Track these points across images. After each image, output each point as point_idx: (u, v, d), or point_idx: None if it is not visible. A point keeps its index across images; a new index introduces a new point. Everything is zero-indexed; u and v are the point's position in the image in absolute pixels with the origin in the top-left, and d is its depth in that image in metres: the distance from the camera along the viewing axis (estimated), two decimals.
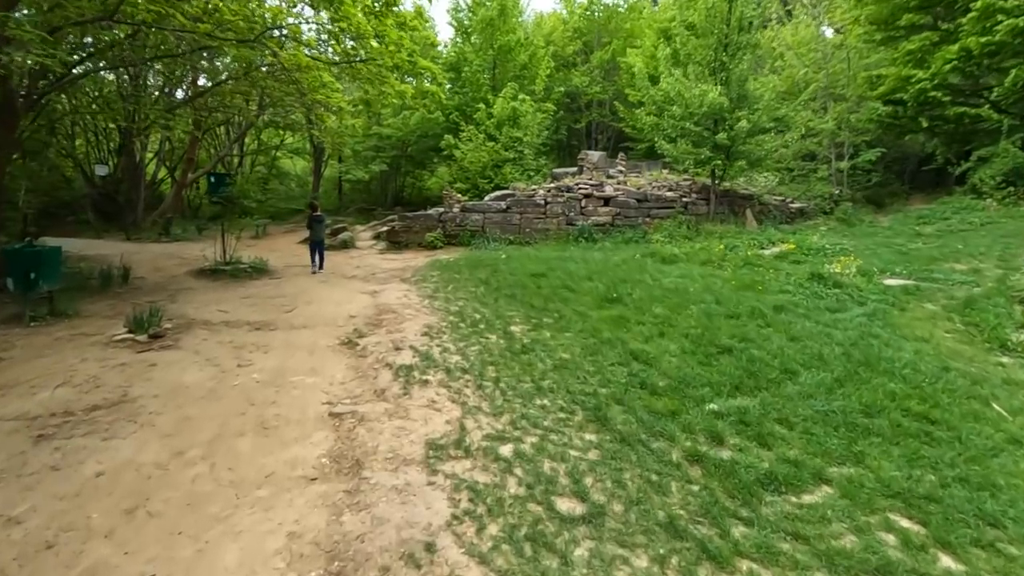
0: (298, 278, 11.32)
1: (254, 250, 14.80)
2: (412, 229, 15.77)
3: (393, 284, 10.33)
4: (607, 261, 11.66)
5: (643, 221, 15.68)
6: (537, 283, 9.61)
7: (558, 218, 15.68)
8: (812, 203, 17.90)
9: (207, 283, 10.53)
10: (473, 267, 11.67)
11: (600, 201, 15.68)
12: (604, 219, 15.65)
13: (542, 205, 15.58)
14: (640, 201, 15.66)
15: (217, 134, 24.69)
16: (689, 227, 15.13)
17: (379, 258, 14.66)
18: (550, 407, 4.72)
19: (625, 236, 15.12)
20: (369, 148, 22.37)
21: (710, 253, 11.64)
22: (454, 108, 20.13)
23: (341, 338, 6.76)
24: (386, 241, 16.47)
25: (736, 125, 13.92)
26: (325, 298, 9.07)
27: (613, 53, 26.05)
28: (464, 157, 17.64)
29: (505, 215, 15.60)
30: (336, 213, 24.73)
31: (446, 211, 15.70)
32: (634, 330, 6.84)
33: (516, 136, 17.74)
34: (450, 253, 14.55)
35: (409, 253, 15.27)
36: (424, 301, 8.62)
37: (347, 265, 13.32)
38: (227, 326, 7.33)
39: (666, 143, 15.34)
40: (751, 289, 8.82)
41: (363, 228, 20.16)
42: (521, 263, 11.72)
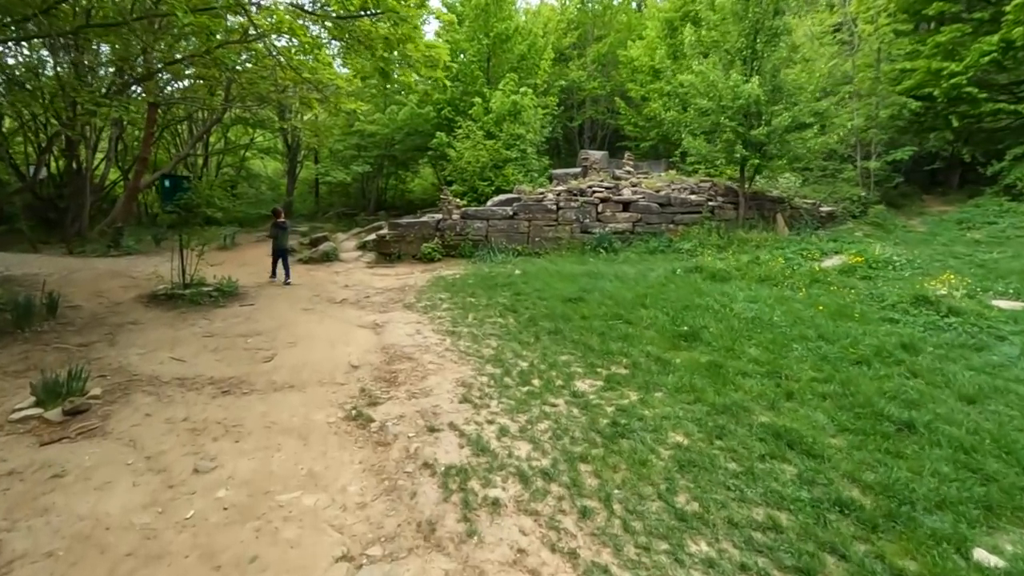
0: (275, 302, 9.26)
1: (221, 266, 12.64)
2: (405, 239, 13.79)
3: (396, 312, 8.36)
4: (645, 278, 9.91)
5: (666, 228, 14.00)
6: (578, 311, 7.78)
7: (571, 225, 13.89)
8: (840, 206, 16.49)
9: (160, 313, 8.40)
10: (488, 287, 9.78)
11: (619, 206, 13.94)
12: (623, 226, 13.92)
13: (553, 211, 13.77)
14: (663, 205, 13.97)
15: (179, 132, 22.23)
16: (720, 234, 13.50)
17: (369, 273, 12.63)
18: (719, 562, 2.87)
19: (649, 245, 13.41)
20: (350, 147, 20.25)
21: (767, 268, 9.97)
22: (446, 103, 18.17)
23: (345, 407, 4.81)
24: (375, 252, 14.43)
25: (775, 119, 12.33)
26: (314, 335, 7.07)
27: (610, 47, 24.42)
28: (461, 156, 15.72)
29: (512, 222, 13.74)
30: (313, 218, 22.52)
31: (444, 218, 13.76)
32: (744, 386, 5.06)
33: (518, 133, 15.91)
34: (451, 267, 12.62)
35: (403, 267, 13.28)
36: (444, 340, 6.70)
37: (332, 283, 11.27)
38: (182, 387, 5.30)
39: (692, 140, 13.66)
40: (847, 317, 7.14)
41: (345, 236, 18.05)
42: (544, 282, 9.88)
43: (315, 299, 9.60)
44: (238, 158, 23.69)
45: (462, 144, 15.71)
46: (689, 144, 13.74)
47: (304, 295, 9.93)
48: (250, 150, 24.22)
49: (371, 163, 19.67)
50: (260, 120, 21.56)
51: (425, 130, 18.94)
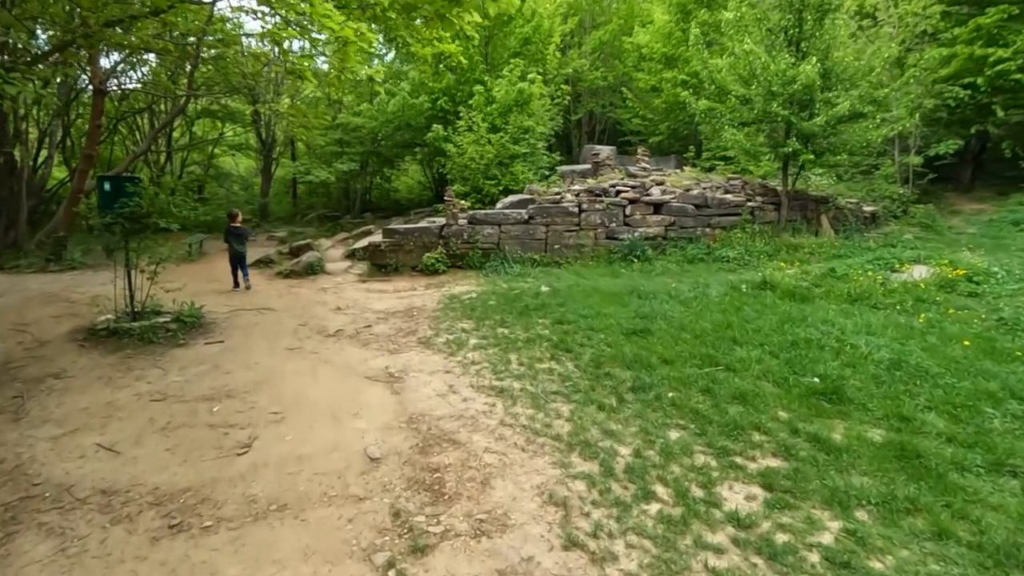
0: (251, 337, 7.26)
1: (185, 283, 10.56)
2: (403, 247, 11.83)
3: (412, 352, 6.43)
4: (706, 298, 8.17)
5: (702, 232, 12.30)
6: (650, 348, 5.99)
7: (595, 230, 12.09)
8: (880, 205, 15.02)
9: (97, 359, 6.35)
10: (517, 311, 7.92)
11: (649, 208, 12.19)
12: (655, 231, 12.17)
13: (575, 214, 11.95)
14: (698, 207, 12.26)
15: (139, 125, 19.82)
16: (767, 239, 11.86)
17: (363, 290, 10.66)
18: None
19: (686, 253, 11.69)
20: (332, 143, 18.15)
21: (853, 284, 8.30)
22: (441, 92, 16.20)
23: (373, 558, 2.92)
24: (367, 263, 12.44)
25: (835, 108, 10.69)
26: (307, 397, 5.12)
27: (612, 34, 22.68)
28: (463, 152, 13.79)
29: (527, 227, 11.88)
30: (291, 221, 20.35)
31: (449, 223, 11.83)
32: (980, 492, 3.33)
33: (526, 125, 14.06)
34: (461, 282, 10.72)
35: (402, 281, 11.33)
36: (494, 404, 4.81)
37: (321, 305, 9.28)
38: (105, 512, 3.35)
39: (732, 132, 11.95)
40: (1007, 358, 5.49)
41: (330, 242, 15.98)
42: (585, 303, 8.08)
43: (302, 330, 7.62)
44: (205, 155, 21.36)
45: (464, 138, 13.79)
46: (729, 138, 12.02)
47: (287, 324, 7.94)
48: (219, 146, 21.91)
49: (357, 160, 17.61)
50: (230, 112, 19.32)
51: (417, 123, 16.93)
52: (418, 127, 17.39)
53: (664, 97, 19.03)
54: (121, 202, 7.00)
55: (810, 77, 10.44)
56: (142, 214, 7.09)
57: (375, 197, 24.23)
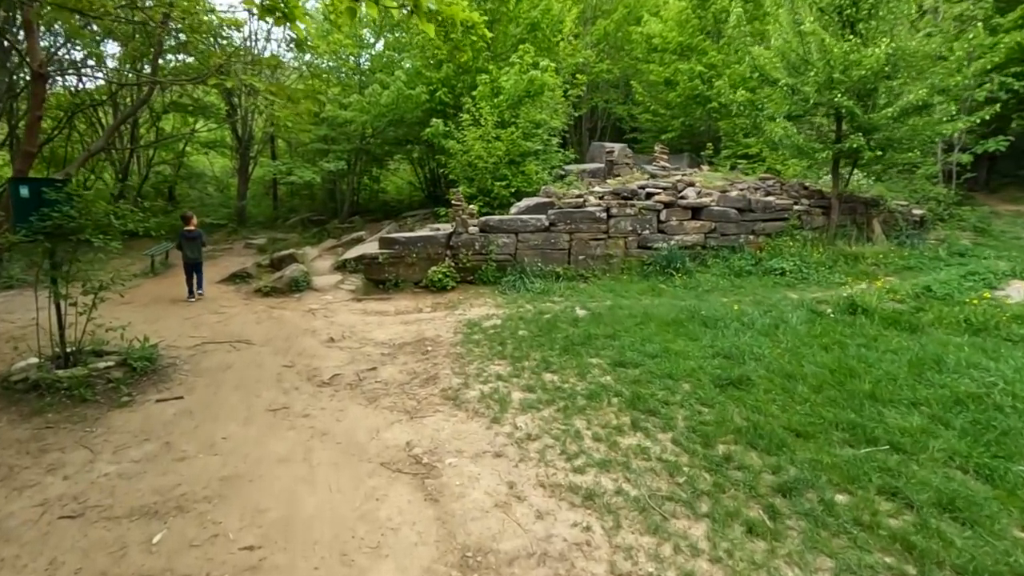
0: (222, 392, 5.54)
1: (141, 305, 8.82)
2: (404, 260, 10.13)
3: (439, 415, 4.76)
4: (787, 326, 6.66)
5: (745, 240, 10.81)
6: (762, 411, 4.45)
7: (626, 238, 10.53)
8: (924, 208, 13.70)
9: (4, 430, 4.61)
10: (560, 346, 6.32)
11: (686, 213, 10.65)
12: (693, 238, 10.64)
13: (602, 219, 10.37)
14: (741, 211, 10.77)
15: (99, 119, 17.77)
16: (820, 248, 10.41)
17: (359, 312, 8.97)
18: None
19: (731, 264, 10.18)
20: (317, 140, 16.34)
21: (967, 308, 6.83)
22: (440, 82, 14.49)
23: None
24: (362, 278, 10.73)
25: (904, 98, 9.27)
26: (300, 518, 3.43)
27: (617, 24, 21.16)
28: (469, 149, 12.12)
29: (548, 236, 10.27)
30: (272, 226, 18.48)
31: (458, 232, 10.17)
32: None
33: (539, 119, 12.45)
34: (475, 301, 9.08)
35: (404, 299, 9.65)
36: (587, 527, 3.17)
37: (311, 336, 7.57)
38: None
39: (781, 127, 10.44)
40: None
41: (316, 251, 14.21)
42: (641, 334, 6.55)
43: (287, 375, 5.92)
44: (174, 153, 19.36)
45: (469, 133, 12.13)
46: (779, 132, 10.53)
47: (269, 366, 6.22)
48: (191, 143, 19.93)
49: (344, 159, 15.83)
50: (202, 106, 17.40)
51: (413, 117, 15.21)
52: (413, 122, 15.66)
53: (679, 90, 17.55)
54: (42, 212, 5.24)
55: (880, 61, 8.99)
56: (72, 228, 5.33)
57: (363, 199, 22.42)
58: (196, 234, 9.75)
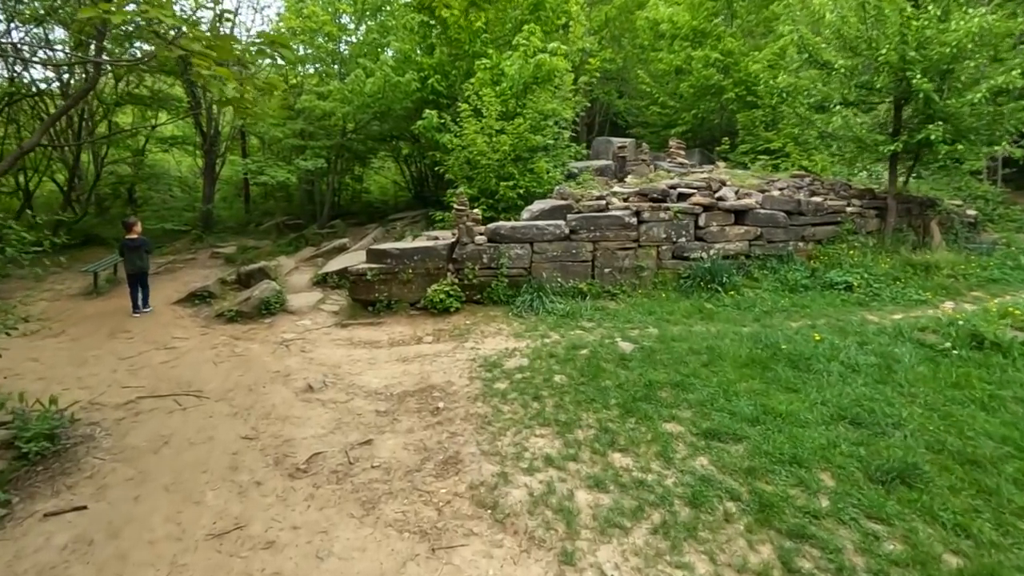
0: (146, 495, 3.84)
1: (71, 338, 7.04)
2: (398, 276, 8.44)
3: (477, 542, 3.11)
4: (902, 366, 5.16)
5: (794, 247, 9.33)
6: (958, 533, 2.89)
7: (659, 247, 8.97)
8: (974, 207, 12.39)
9: None
10: (615, 400, 4.74)
11: (728, 217, 9.12)
12: (735, 246, 9.12)
13: (632, 226, 8.79)
14: (790, 214, 9.28)
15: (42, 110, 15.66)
16: (884, 255, 8.97)
17: (344, 344, 7.28)
18: None
19: (783, 277, 8.69)
20: (292, 135, 14.52)
21: None
22: (432, 69, 12.77)
23: None
24: (347, 297, 9.01)
25: (988, 82, 7.84)
26: None
27: (620, 9, 19.59)
28: (469, 144, 10.43)
29: (568, 245, 8.67)
30: (243, 232, 16.57)
31: (462, 242, 8.50)
32: None
33: (548, 109, 10.83)
34: (487, 328, 7.45)
35: (399, 325, 7.98)
36: None
37: (282, 383, 5.86)
38: None
39: (840, 116, 8.94)
40: None
41: (292, 263, 12.41)
42: (716, 380, 5.06)
43: (246, 457, 4.23)
44: (132, 151, 17.32)
45: (469, 126, 10.45)
46: (832, 123, 9.03)
47: (222, 442, 4.52)
48: (153, 140, 17.90)
49: (324, 156, 14.02)
50: (161, 98, 15.44)
51: (401, 108, 13.46)
52: (401, 115, 13.91)
53: (692, 80, 16.06)
54: None
55: (968, 37, 7.54)
56: None
57: (345, 200, 20.61)
58: (140, 242, 8.76)
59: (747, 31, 16.66)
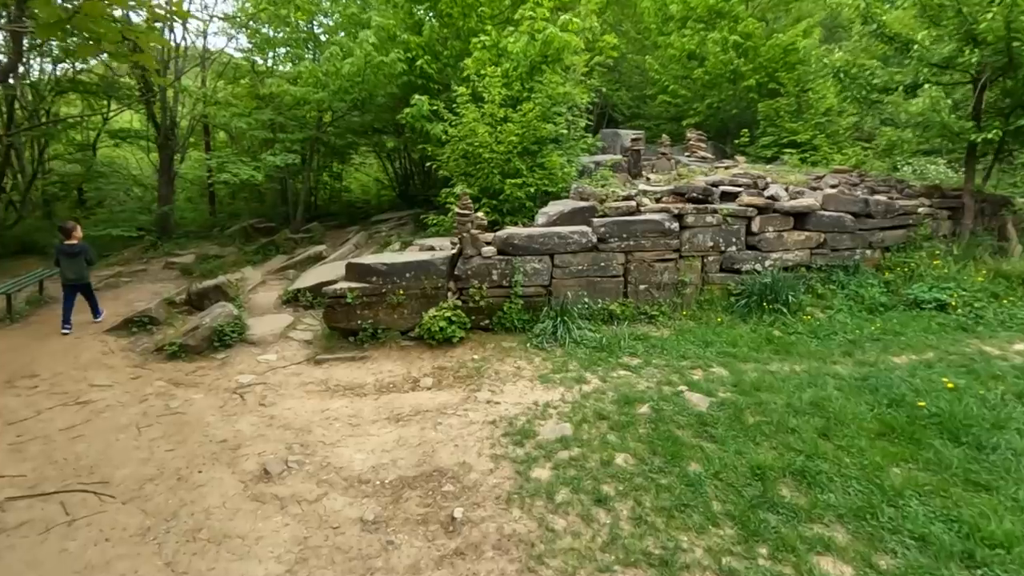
0: None
1: None
2: (386, 298, 6.71)
3: None
4: None
5: (861, 255, 7.82)
6: None
7: (704, 258, 7.38)
8: None
9: None
10: (730, 513, 3.08)
11: (786, 220, 7.55)
12: (795, 256, 7.57)
13: (672, 232, 7.17)
14: (857, 216, 7.74)
15: None
16: (973, 264, 7.49)
17: (316, 393, 5.58)
18: None
19: (855, 293, 7.16)
20: (260, 126, 12.67)
21: None
22: (420, 48, 11.01)
23: None
24: (322, 322, 7.23)
25: None
26: None
27: None
28: (468, 136, 8.72)
29: (596, 257, 7.02)
30: (208, 236, 14.67)
31: (466, 254, 6.81)
32: None
33: (558, 94, 9.17)
34: (503, 367, 5.79)
35: (388, 360, 6.29)
36: None
37: (224, 466, 4.15)
38: None
39: (928, 97, 7.40)
40: None
41: (259, 274, 10.62)
42: (859, 462, 3.39)
43: None
44: (76, 146, 15.25)
45: (467, 112, 8.74)
46: (912, 108, 7.51)
47: None
48: (102, 133, 15.85)
49: (296, 151, 12.22)
50: (107, 84, 13.47)
51: (383, 96, 11.68)
52: (384, 104, 12.13)
53: (708, 66, 14.52)
54: None
55: None
56: None
57: (323, 200, 18.77)
58: (79, 248, 7.61)
59: (760, 15, 15.19)
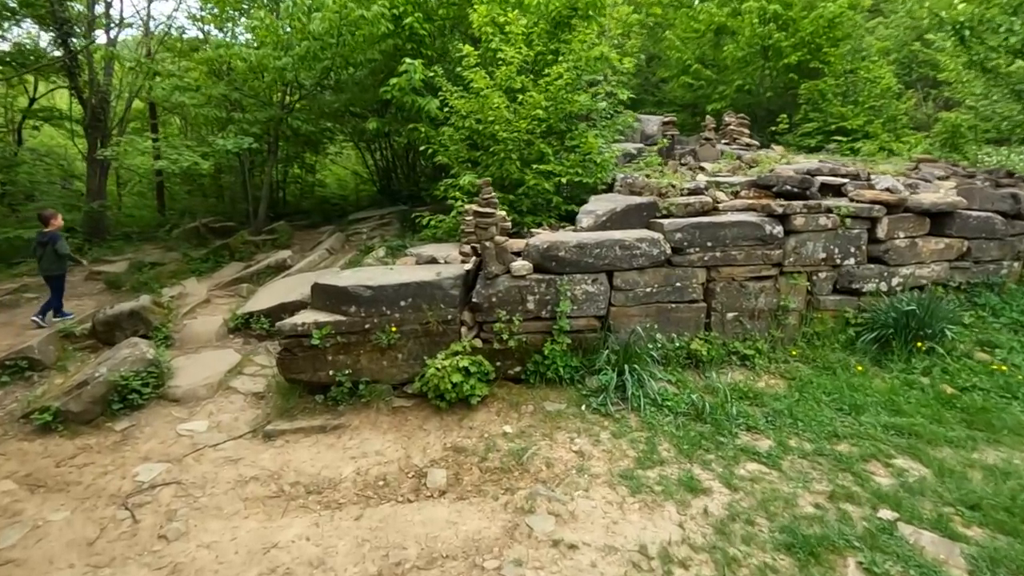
0: None
1: None
2: (371, 336, 4.53)
3: None
4: None
5: (1008, 268, 5.89)
6: None
7: (813, 274, 5.34)
8: None
9: None
10: None
11: (920, 223, 5.56)
12: (930, 270, 5.58)
13: (773, 240, 5.12)
14: (1007, 217, 5.80)
15: None
16: None
17: (257, 504, 3.37)
18: None
19: (1014, 320, 5.21)
20: (214, 101, 10.26)
21: None
22: (410, 4, 8.71)
23: None
24: (279, 368, 4.96)
25: None
26: None
27: None
28: (480, 108, 6.54)
29: (668, 274, 4.95)
30: (152, 239, 12.22)
31: (488, 272, 4.67)
32: None
33: (595, 55, 7.06)
34: (557, 454, 3.65)
35: (373, 434, 4.11)
36: None
37: None
38: None
39: None
40: None
41: (204, 289, 8.29)
42: None
43: None
44: None
45: (477, 78, 6.56)
46: None
47: None
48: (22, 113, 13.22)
49: (257, 133, 9.87)
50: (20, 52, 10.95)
51: (363, 63, 9.40)
52: (364, 79, 9.84)
53: (742, 41, 12.56)
54: None
55: None
56: None
57: (292, 195, 16.39)
58: (47, 237, 6.77)
59: None
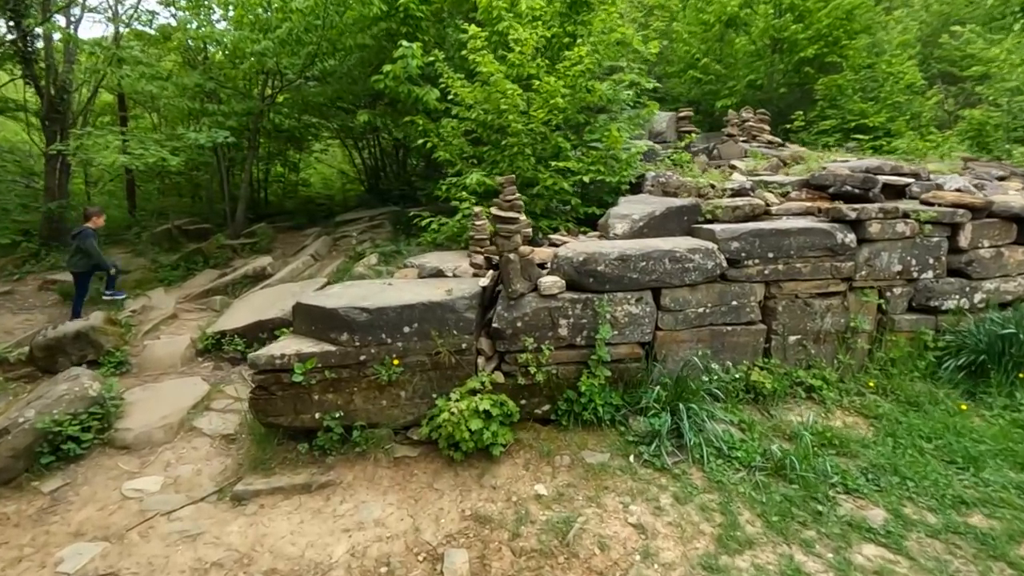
0: None
1: None
2: (366, 370, 3.66)
3: None
4: None
5: None
6: None
7: (887, 290, 4.57)
8: None
9: None
10: None
11: (1007, 229, 4.82)
12: (1019, 284, 4.85)
13: (844, 248, 4.34)
14: None
15: None
16: None
17: None
18: None
19: None
20: (188, 91, 9.27)
21: None
22: None
23: None
24: (252, 411, 4.03)
25: None
26: None
27: None
28: (487, 99, 5.68)
29: (723, 292, 4.15)
30: (120, 242, 11.17)
31: (512, 289, 3.82)
32: None
33: (617, 38, 6.25)
34: (611, 533, 2.79)
35: (370, 496, 3.22)
36: None
37: None
38: None
39: None
40: None
41: (173, 303, 7.32)
42: None
43: None
44: None
45: (486, 64, 5.69)
46: None
47: None
48: None
49: (234, 126, 8.90)
50: None
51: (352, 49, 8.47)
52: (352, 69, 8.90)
53: (755, 34, 11.86)
54: None
55: None
56: None
57: (275, 195, 15.41)
58: (79, 231, 6.39)
59: None
